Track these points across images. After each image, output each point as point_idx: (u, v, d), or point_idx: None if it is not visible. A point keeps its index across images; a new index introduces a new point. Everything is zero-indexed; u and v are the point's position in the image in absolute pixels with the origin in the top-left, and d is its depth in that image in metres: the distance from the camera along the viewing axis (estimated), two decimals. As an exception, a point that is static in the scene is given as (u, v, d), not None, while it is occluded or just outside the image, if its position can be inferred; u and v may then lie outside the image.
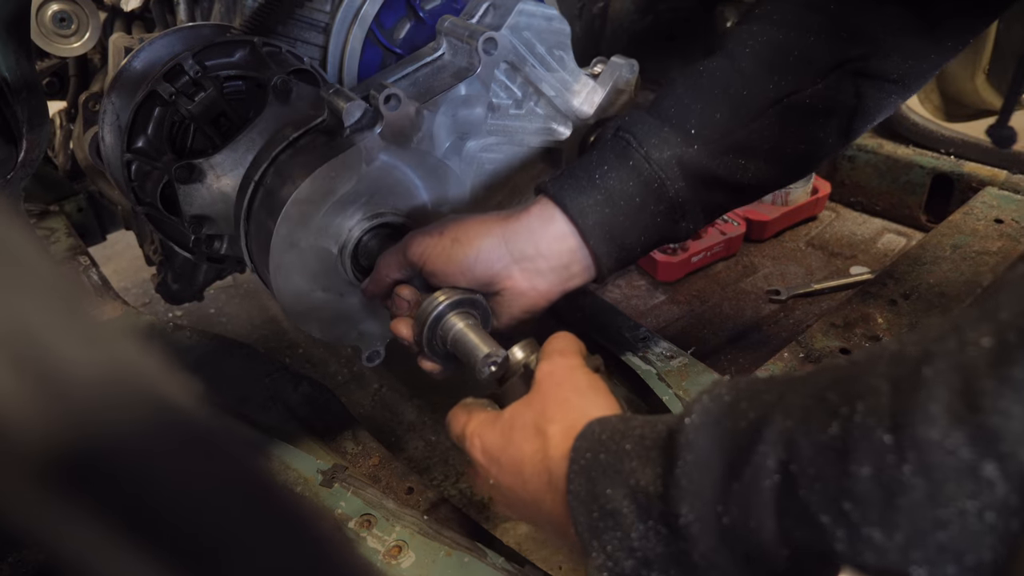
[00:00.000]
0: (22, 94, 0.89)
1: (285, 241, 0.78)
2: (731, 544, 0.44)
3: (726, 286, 1.45)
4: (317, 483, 0.87)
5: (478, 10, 0.89)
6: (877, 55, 0.75)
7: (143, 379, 0.23)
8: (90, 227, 1.46)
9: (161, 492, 0.21)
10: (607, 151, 0.77)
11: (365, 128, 0.79)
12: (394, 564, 0.78)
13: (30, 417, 0.20)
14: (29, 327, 0.20)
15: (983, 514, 0.34)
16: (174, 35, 0.96)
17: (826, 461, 0.39)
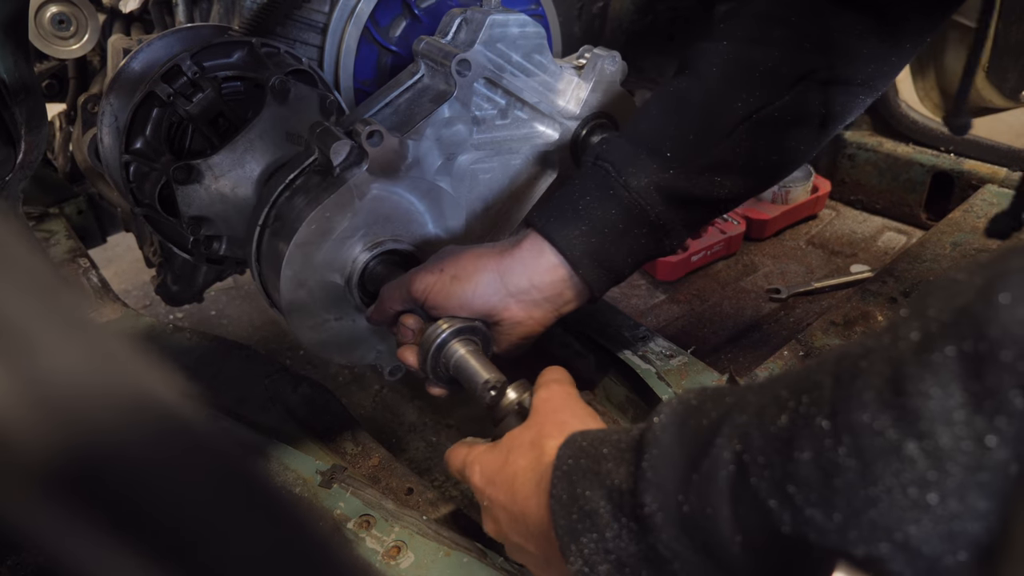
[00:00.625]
0: (20, 96, 0.89)
1: (292, 283, 0.83)
2: (690, 532, 0.46)
3: (726, 285, 1.45)
4: (316, 484, 0.87)
5: (451, 28, 0.91)
6: (841, 62, 0.77)
7: (139, 382, 0.23)
8: (90, 229, 1.46)
9: (157, 496, 0.21)
10: (588, 181, 0.80)
11: (353, 165, 0.82)
12: (393, 564, 0.77)
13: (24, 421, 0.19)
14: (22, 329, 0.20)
15: (907, 490, 0.36)
16: (172, 36, 0.96)
17: (774, 449, 0.42)
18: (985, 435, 0.34)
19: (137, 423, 0.21)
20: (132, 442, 0.21)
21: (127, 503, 0.21)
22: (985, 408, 0.34)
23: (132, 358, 0.22)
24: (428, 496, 0.89)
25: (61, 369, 0.20)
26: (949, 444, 0.35)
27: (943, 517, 0.35)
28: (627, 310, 1.32)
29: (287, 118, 0.91)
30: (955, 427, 0.35)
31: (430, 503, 0.88)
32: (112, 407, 0.21)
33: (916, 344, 0.37)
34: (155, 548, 0.21)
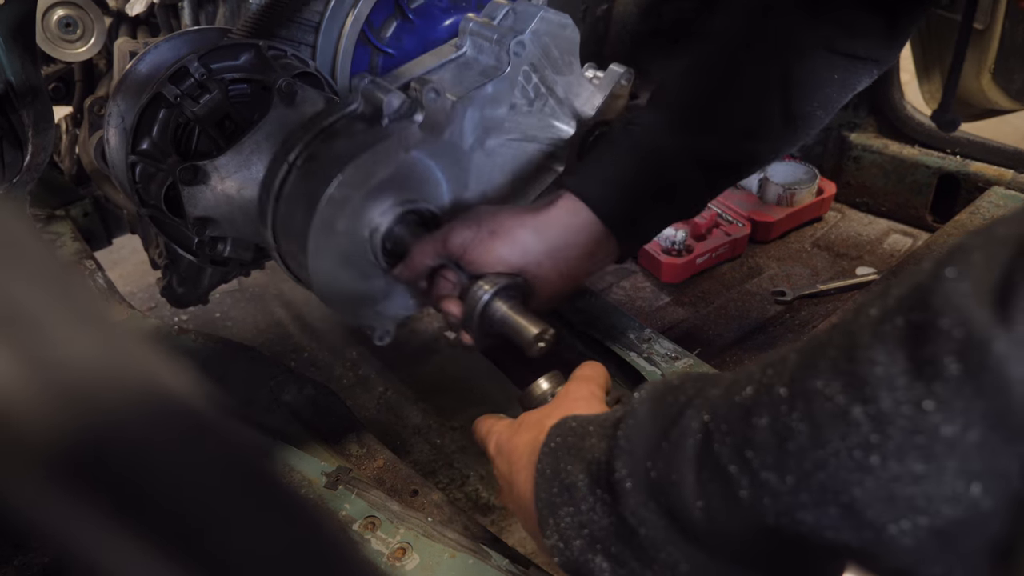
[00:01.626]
0: (28, 99, 0.90)
1: (327, 223, 0.81)
2: (657, 497, 0.48)
3: (731, 287, 1.45)
4: (321, 485, 0.87)
5: (498, 13, 0.94)
6: (846, 35, 0.82)
7: (149, 372, 0.23)
8: (96, 232, 1.47)
9: (165, 484, 0.21)
10: (620, 145, 0.84)
11: (404, 118, 0.83)
12: (398, 566, 0.77)
13: (34, 404, 0.19)
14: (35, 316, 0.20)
15: (852, 452, 0.38)
16: (179, 39, 0.96)
17: (736, 417, 0.44)
18: (923, 400, 0.35)
19: (146, 411, 0.21)
20: (141, 429, 0.21)
21: (134, 489, 0.21)
22: (924, 374, 0.36)
23: (143, 349, 0.23)
24: (433, 498, 0.89)
25: (72, 356, 0.20)
26: (890, 408, 0.36)
27: (884, 479, 0.37)
28: (632, 312, 1.32)
29: (293, 120, 0.91)
30: (897, 392, 0.36)
31: (435, 505, 0.88)
32: (122, 395, 0.21)
33: (874, 318, 0.39)
34: (161, 534, 0.21)
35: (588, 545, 0.53)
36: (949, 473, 0.35)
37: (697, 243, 1.46)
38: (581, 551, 0.54)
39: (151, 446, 0.21)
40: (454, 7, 1.04)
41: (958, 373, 0.35)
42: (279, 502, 0.25)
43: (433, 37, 1.03)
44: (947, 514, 0.36)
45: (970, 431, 0.35)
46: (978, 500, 0.35)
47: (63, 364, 0.20)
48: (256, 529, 0.23)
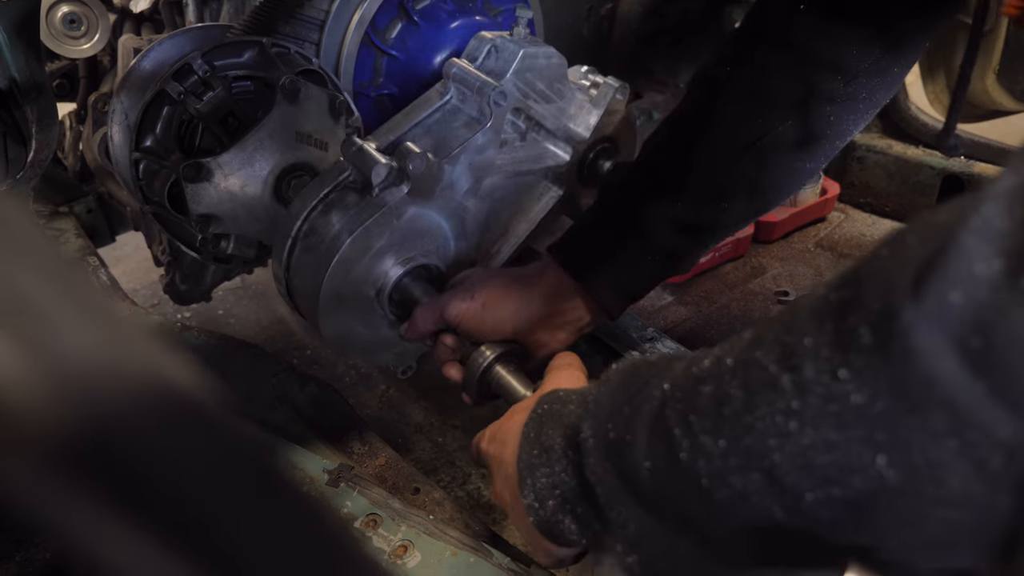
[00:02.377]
0: (32, 95, 0.90)
1: (331, 295, 0.86)
2: (612, 457, 0.51)
3: (734, 287, 1.44)
4: (323, 483, 0.87)
5: (480, 52, 0.94)
6: (844, 80, 0.78)
7: (153, 365, 0.23)
8: (99, 228, 1.47)
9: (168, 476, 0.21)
10: (603, 212, 0.87)
11: (392, 185, 0.85)
12: (400, 564, 0.77)
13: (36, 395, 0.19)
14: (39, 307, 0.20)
15: (775, 418, 0.39)
16: (183, 35, 0.97)
17: (689, 384, 0.46)
18: (839, 368, 0.36)
19: (150, 404, 0.21)
20: (144, 422, 0.21)
21: (137, 481, 0.21)
22: (842, 343, 0.36)
23: (147, 342, 0.23)
24: (434, 496, 0.89)
25: (76, 348, 0.20)
26: (811, 376, 0.38)
27: (801, 446, 0.38)
28: (635, 311, 1.31)
29: (297, 117, 0.91)
30: (819, 361, 0.37)
31: (436, 503, 0.88)
32: (125, 387, 0.21)
33: (818, 295, 0.40)
34: (164, 528, 0.21)
35: (559, 505, 0.56)
36: (856, 442, 0.36)
37: (700, 243, 1.46)
38: (553, 511, 0.57)
39: (154, 439, 0.21)
40: (459, 10, 1.04)
41: (870, 342, 0.35)
42: (283, 497, 0.25)
43: (438, 41, 1.03)
44: (857, 485, 0.37)
45: (877, 400, 0.35)
46: (883, 472, 0.35)
47: (67, 356, 0.20)
48: (259, 523, 0.23)
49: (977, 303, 0.31)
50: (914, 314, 0.33)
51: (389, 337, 0.95)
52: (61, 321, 0.21)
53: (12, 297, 0.20)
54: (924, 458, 0.34)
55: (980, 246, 0.32)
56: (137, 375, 0.22)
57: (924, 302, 0.33)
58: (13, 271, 0.20)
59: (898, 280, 0.35)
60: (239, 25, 0.93)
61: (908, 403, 0.34)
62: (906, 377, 0.34)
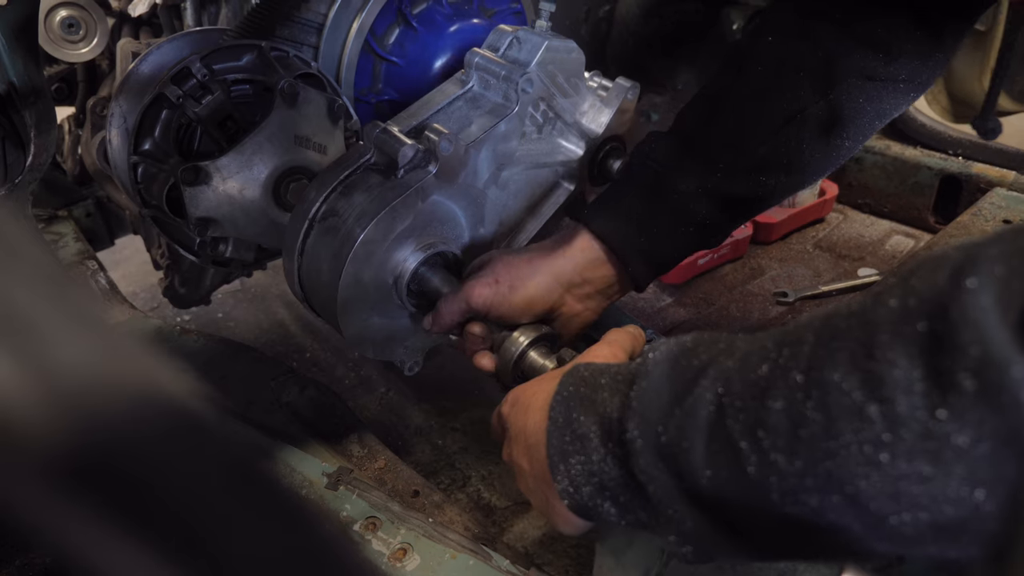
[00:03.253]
0: (30, 99, 0.90)
1: (352, 279, 0.83)
2: (666, 459, 0.50)
3: (733, 288, 1.44)
4: (322, 486, 0.87)
5: (502, 43, 0.94)
6: (885, 59, 0.77)
7: (149, 377, 0.23)
8: (98, 232, 1.47)
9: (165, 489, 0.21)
10: (636, 180, 0.85)
11: (418, 167, 0.84)
12: (399, 567, 0.77)
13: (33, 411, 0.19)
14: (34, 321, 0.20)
15: (863, 447, 0.39)
16: (182, 39, 0.97)
17: (751, 396, 0.45)
18: (937, 408, 0.36)
19: (144, 414, 0.21)
20: (139, 432, 0.21)
21: (133, 491, 0.21)
22: (941, 384, 0.36)
23: (142, 354, 0.23)
24: (434, 499, 0.89)
25: (71, 362, 0.20)
26: (906, 411, 0.37)
27: (891, 476, 0.38)
28: (633, 313, 1.31)
29: (295, 121, 0.91)
30: (913, 397, 0.37)
31: (436, 505, 0.88)
32: (119, 397, 0.21)
33: (894, 312, 0.39)
34: (161, 536, 0.21)
35: (597, 491, 0.56)
36: (955, 478, 0.36)
37: (699, 244, 1.46)
38: (591, 496, 0.56)
39: (149, 448, 0.21)
40: (457, 13, 1.04)
41: (973, 390, 0.35)
42: (279, 503, 0.25)
43: (437, 46, 1.03)
44: (949, 513, 0.37)
45: (981, 444, 0.36)
46: (981, 504, 0.36)
47: (60, 367, 0.20)
48: (255, 531, 0.23)
49: None
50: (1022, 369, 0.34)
51: (403, 328, 0.93)
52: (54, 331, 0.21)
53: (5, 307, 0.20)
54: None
55: None
56: (131, 384, 0.22)
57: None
58: (6, 281, 0.20)
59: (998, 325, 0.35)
60: (233, 29, 0.93)
61: (1017, 448, 0.35)
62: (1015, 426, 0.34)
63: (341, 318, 0.85)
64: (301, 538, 0.25)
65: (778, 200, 0.87)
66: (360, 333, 0.89)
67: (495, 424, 0.74)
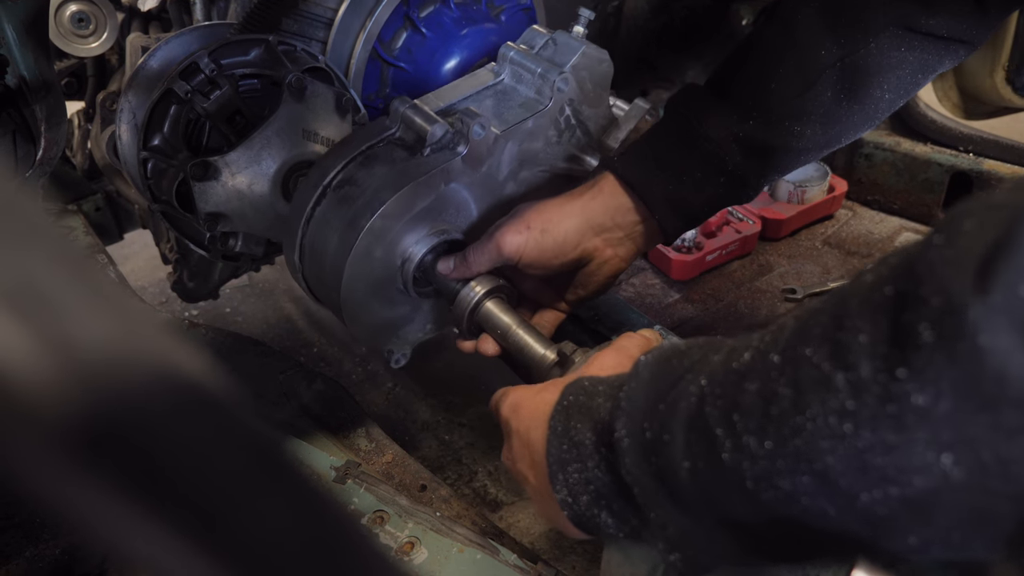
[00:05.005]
0: (41, 93, 0.90)
1: (365, 252, 0.81)
2: (649, 457, 0.49)
3: (741, 285, 1.44)
4: (330, 479, 0.88)
5: (537, 41, 0.93)
6: (925, 11, 0.75)
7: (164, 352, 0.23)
8: (107, 226, 1.47)
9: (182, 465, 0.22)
10: (667, 128, 0.83)
11: (445, 148, 0.83)
12: (407, 560, 0.78)
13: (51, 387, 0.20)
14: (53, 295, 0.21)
15: (828, 418, 0.37)
16: (190, 34, 0.97)
17: (730, 382, 0.44)
18: (897, 368, 0.35)
19: (163, 392, 0.21)
20: (158, 410, 0.21)
21: (151, 469, 0.21)
22: (900, 341, 0.35)
23: (160, 332, 0.23)
24: (441, 493, 0.89)
25: (90, 336, 0.20)
26: (868, 375, 0.36)
27: (857, 448, 0.37)
28: (642, 309, 1.31)
29: (304, 115, 0.91)
30: (876, 360, 0.36)
31: (443, 500, 0.88)
32: (139, 375, 0.21)
33: (866, 284, 0.38)
34: (178, 515, 0.21)
35: (594, 501, 0.55)
36: (920, 444, 0.35)
37: (707, 240, 1.46)
38: (588, 506, 0.55)
39: (168, 427, 0.22)
40: (465, 15, 1.03)
41: (932, 341, 0.34)
42: (297, 486, 0.25)
43: (446, 50, 1.02)
44: (918, 485, 0.36)
45: (941, 400, 0.34)
46: (949, 471, 0.34)
47: (82, 344, 0.20)
48: (273, 512, 0.23)
49: None
50: (981, 311, 0.32)
51: (398, 316, 0.92)
52: (76, 309, 0.21)
53: (28, 285, 0.20)
54: (994, 455, 0.33)
55: None
56: (151, 364, 0.22)
57: (991, 296, 0.32)
58: (28, 259, 0.20)
59: (958, 273, 0.33)
60: (237, 23, 0.93)
61: (977, 402, 0.33)
62: (974, 376, 0.33)
63: (344, 290, 0.83)
64: (316, 521, 0.25)
65: (814, 156, 0.84)
66: (358, 312, 0.87)
67: (493, 409, 0.73)
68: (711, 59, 1.61)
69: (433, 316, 0.95)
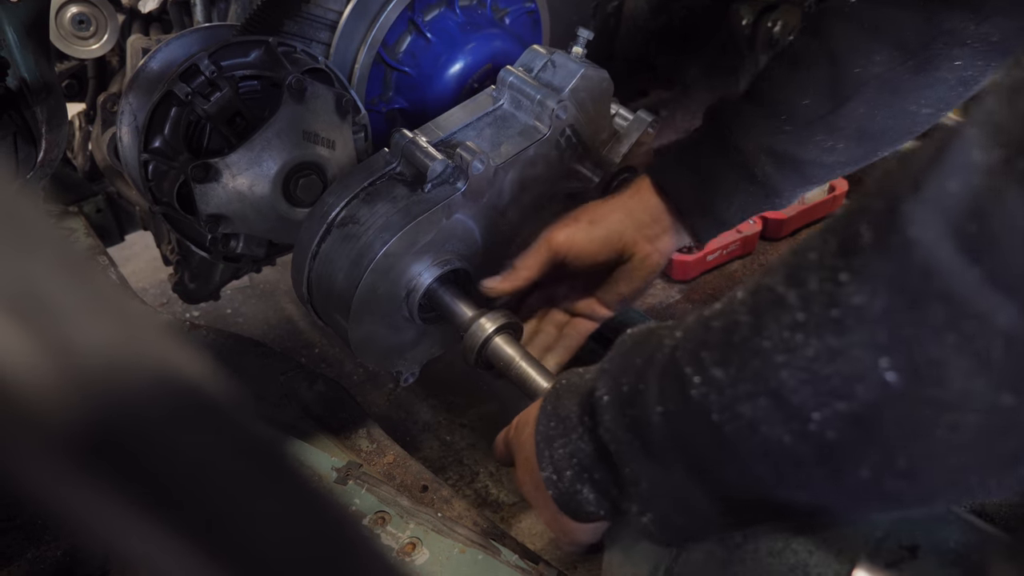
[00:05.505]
0: (42, 95, 0.90)
1: (369, 289, 0.83)
2: (625, 409, 0.50)
3: (741, 284, 1.44)
4: (332, 480, 0.88)
5: (535, 64, 0.94)
6: (975, 20, 0.73)
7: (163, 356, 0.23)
8: (108, 228, 1.48)
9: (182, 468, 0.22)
10: (704, 136, 0.87)
11: (445, 183, 0.84)
12: (408, 561, 0.78)
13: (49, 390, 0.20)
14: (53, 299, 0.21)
15: (782, 333, 0.39)
16: (191, 36, 0.97)
17: (700, 326, 0.46)
18: (840, 272, 0.36)
19: (162, 395, 0.21)
20: (157, 413, 0.21)
21: (150, 472, 0.21)
22: (845, 247, 0.36)
23: (160, 335, 0.23)
24: (443, 494, 0.89)
25: (90, 339, 0.20)
26: (815, 287, 0.37)
27: (806, 358, 0.38)
28: (642, 308, 1.31)
29: (304, 116, 0.92)
30: (823, 270, 0.37)
31: (444, 501, 0.88)
32: (138, 379, 0.21)
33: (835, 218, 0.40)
34: (178, 517, 0.21)
35: (577, 475, 0.56)
36: (858, 346, 0.36)
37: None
38: (571, 481, 0.56)
39: (167, 430, 0.22)
40: (469, 21, 1.03)
41: (870, 240, 0.35)
42: (298, 488, 0.25)
43: (450, 56, 1.01)
44: (860, 396, 0.36)
45: (877, 299, 0.35)
46: (885, 376, 0.35)
47: (81, 347, 0.20)
48: (275, 514, 0.23)
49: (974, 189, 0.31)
50: (911, 205, 0.33)
51: (407, 342, 0.94)
52: (75, 312, 0.21)
53: (27, 288, 0.20)
54: (925, 357, 0.34)
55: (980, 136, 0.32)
56: (150, 367, 0.22)
57: (922, 192, 0.33)
58: (28, 262, 0.20)
59: (901, 179, 0.35)
60: (238, 24, 0.93)
61: (907, 298, 0.34)
62: (904, 270, 0.34)
63: (351, 325, 0.86)
64: (317, 523, 0.25)
65: (848, 169, 0.83)
66: (365, 342, 0.90)
67: (499, 448, 0.74)
68: (711, 60, 1.61)
69: (440, 337, 0.97)
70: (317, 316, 0.93)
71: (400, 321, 0.90)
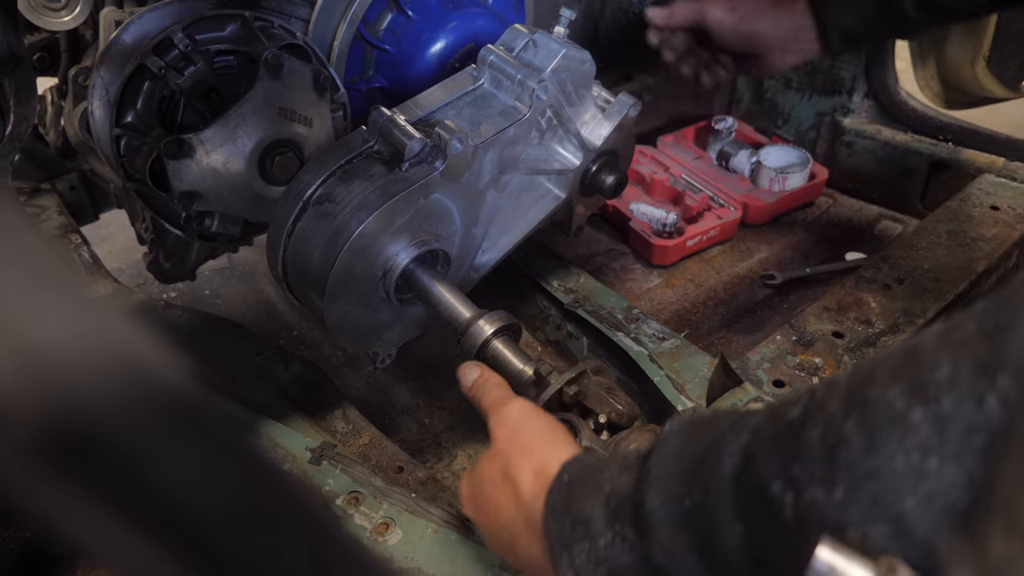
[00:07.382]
0: (9, 67, 0.88)
1: (345, 268, 0.82)
2: (690, 527, 0.45)
3: (721, 270, 1.45)
4: (305, 460, 0.87)
5: (517, 43, 0.93)
6: None
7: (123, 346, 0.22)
8: (82, 206, 1.45)
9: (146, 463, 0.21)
10: None
11: (423, 162, 0.83)
12: (381, 541, 0.77)
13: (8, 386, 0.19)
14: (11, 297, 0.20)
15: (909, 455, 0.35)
16: (164, 8, 0.95)
17: (783, 435, 0.41)
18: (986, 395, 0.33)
19: (123, 388, 0.21)
20: (121, 410, 0.21)
21: (113, 466, 0.21)
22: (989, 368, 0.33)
23: (121, 324, 0.22)
24: (418, 475, 0.89)
25: (47, 333, 0.20)
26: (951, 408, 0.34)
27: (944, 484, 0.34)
28: (621, 293, 1.31)
29: (280, 93, 0.90)
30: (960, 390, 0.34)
31: (420, 482, 0.88)
32: (98, 372, 0.21)
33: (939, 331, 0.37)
34: (141, 511, 0.21)
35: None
36: None
37: (688, 225, 1.46)
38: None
39: (128, 423, 0.21)
40: (451, 0, 1.02)
41: None
42: (261, 477, 0.25)
43: (431, 34, 0.99)
44: None
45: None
46: None
47: (38, 341, 0.20)
48: (238, 504, 0.23)
49: None
50: None
51: (383, 322, 0.93)
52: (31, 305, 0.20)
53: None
54: None
55: None
56: (110, 359, 0.21)
57: None
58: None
59: None
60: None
61: None
62: None
63: (327, 305, 0.84)
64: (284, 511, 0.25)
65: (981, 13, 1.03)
66: (341, 322, 0.88)
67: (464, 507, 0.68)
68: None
69: (416, 319, 0.96)
70: (293, 296, 0.92)
71: (377, 302, 0.89)
